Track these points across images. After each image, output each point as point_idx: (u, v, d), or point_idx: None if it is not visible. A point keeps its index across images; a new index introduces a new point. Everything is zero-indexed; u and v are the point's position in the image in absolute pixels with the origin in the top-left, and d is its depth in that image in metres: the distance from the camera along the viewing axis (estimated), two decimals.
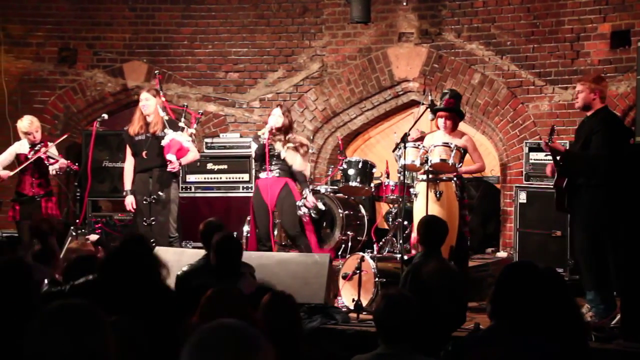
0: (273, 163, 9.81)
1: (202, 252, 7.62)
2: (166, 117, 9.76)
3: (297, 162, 9.75)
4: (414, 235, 7.13)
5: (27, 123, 10.18)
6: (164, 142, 9.62)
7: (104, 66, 12.76)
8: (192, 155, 9.95)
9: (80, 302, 2.95)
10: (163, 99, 10.08)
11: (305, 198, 9.82)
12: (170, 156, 9.59)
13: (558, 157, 8.21)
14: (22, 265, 4.53)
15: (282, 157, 9.75)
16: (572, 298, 4.70)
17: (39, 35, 12.76)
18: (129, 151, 9.90)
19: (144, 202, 9.65)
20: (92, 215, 11.61)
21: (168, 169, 9.66)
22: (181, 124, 9.77)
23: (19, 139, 10.44)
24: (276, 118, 9.82)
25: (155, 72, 10.96)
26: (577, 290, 9.21)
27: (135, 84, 12.76)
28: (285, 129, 9.85)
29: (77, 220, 10.76)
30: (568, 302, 4.61)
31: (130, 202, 9.74)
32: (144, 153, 9.74)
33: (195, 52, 12.82)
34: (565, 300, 4.58)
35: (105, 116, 10.55)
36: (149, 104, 9.72)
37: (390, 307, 4.47)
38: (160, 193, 9.65)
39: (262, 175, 9.88)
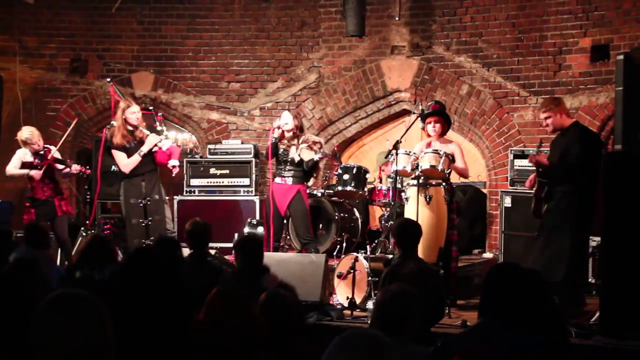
0: (287, 169, 9.86)
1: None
2: (144, 123, 9.70)
3: (314, 158, 9.86)
4: (392, 238, 7.13)
5: (27, 133, 10.09)
6: (160, 146, 9.56)
7: (113, 76, 12.69)
8: (178, 151, 9.94)
9: (80, 292, 2.96)
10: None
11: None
12: (174, 162, 9.59)
13: (541, 169, 8.37)
14: (33, 264, 4.56)
15: (296, 162, 9.75)
16: (552, 297, 4.72)
17: (52, 47, 12.78)
18: (121, 154, 9.71)
19: (139, 204, 9.58)
20: (101, 217, 11.59)
21: (174, 174, 9.69)
22: (159, 128, 9.70)
23: None
24: (285, 119, 9.82)
25: (108, 80, 10.86)
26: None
27: (143, 93, 12.78)
28: (297, 132, 9.85)
29: (87, 222, 10.77)
30: (549, 301, 4.64)
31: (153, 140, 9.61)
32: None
33: (199, 63, 12.83)
34: (546, 299, 4.61)
35: (114, 123, 10.52)
36: (140, 116, 9.65)
37: (391, 298, 4.47)
38: (154, 194, 9.63)
39: (278, 180, 9.92)
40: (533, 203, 8.46)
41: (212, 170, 11.87)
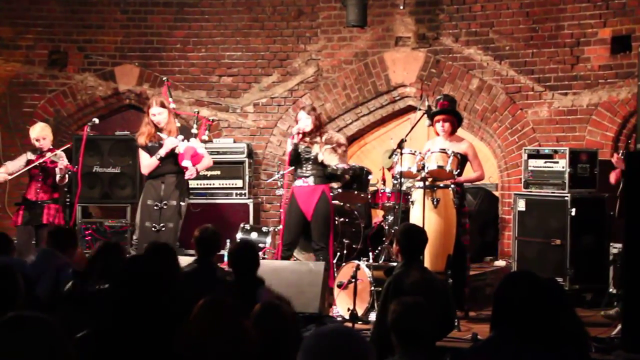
0: (309, 168, 9.70)
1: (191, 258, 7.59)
2: (178, 124, 9.83)
3: (333, 163, 9.66)
4: (394, 245, 7.08)
5: (38, 129, 10.22)
6: (178, 150, 9.63)
7: (95, 70, 12.73)
8: (207, 161, 9.99)
9: (33, 314, 2.94)
10: (173, 105, 10.11)
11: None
12: (186, 162, 9.60)
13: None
14: (8, 270, 4.55)
15: (319, 160, 9.64)
16: (572, 308, 4.68)
17: (28, 38, 12.73)
18: (145, 154, 9.83)
19: (155, 207, 9.64)
20: (82, 222, 11.57)
21: (186, 177, 9.70)
22: (193, 131, 9.79)
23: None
24: (304, 121, 9.67)
25: (164, 78, 10.89)
26: (578, 300, 9.26)
27: (127, 87, 12.74)
28: (317, 129, 9.73)
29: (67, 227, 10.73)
30: (568, 313, 4.60)
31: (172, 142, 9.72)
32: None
33: (188, 56, 12.80)
34: (565, 310, 4.57)
35: (96, 120, 10.52)
36: (162, 118, 9.73)
37: (406, 312, 4.44)
38: (171, 200, 9.65)
39: (298, 182, 9.73)
40: (618, 204, 8.43)
41: (203, 172, 11.82)
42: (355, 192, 10.29)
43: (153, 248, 6.70)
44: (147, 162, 9.78)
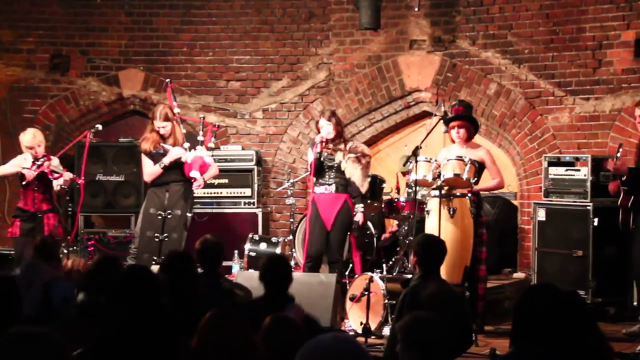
0: (332, 175, 9.69)
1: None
2: (184, 131, 9.86)
3: (356, 174, 9.63)
4: (411, 256, 7.07)
5: (29, 137, 10.13)
6: (185, 159, 9.65)
7: (99, 74, 12.75)
8: (214, 170, 10.05)
9: (40, 330, 2.96)
10: (177, 110, 10.14)
11: (356, 213, 9.68)
12: (194, 173, 9.63)
13: (624, 177, 8.33)
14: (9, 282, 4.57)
15: (342, 169, 9.64)
16: (595, 323, 4.66)
17: (29, 41, 12.77)
18: (148, 161, 9.86)
19: (159, 217, 9.65)
20: (84, 232, 11.58)
21: (193, 188, 9.73)
22: (200, 138, 9.82)
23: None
24: (326, 128, 9.67)
25: (167, 80, 10.89)
26: (600, 314, 9.23)
27: (132, 92, 12.77)
28: (339, 134, 9.73)
29: (69, 237, 10.75)
30: (591, 327, 4.58)
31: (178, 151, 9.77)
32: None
33: (194, 60, 12.81)
34: (588, 325, 4.55)
35: (99, 127, 10.52)
36: (166, 131, 9.80)
37: (414, 325, 4.43)
38: (176, 209, 9.66)
39: (319, 190, 9.72)
40: (620, 215, 8.47)
41: (209, 180, 11.83)
42: (369, 201, 10.28)
43: (171, 257, 6.72)
44: (150, 170, 9.81)
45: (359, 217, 9.66)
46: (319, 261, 9.73)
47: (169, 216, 9.66)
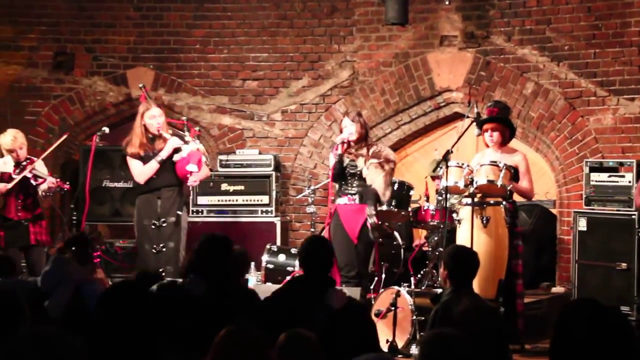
0: (355, 184, 9.63)
1: None
2: (170, 131, 9.83)
3: (378, 181, 9.55)
4: (442, 269, 7.03)
5: (9, 139, 10.10)
6: (178, 156, 9.61)
7: (105, 73, 12.78)
8: (205, 171, 9.98)
9: (55, 330, 2.99)
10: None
11: (369, 216, 9.59)
12: (191, 166, 9.57)
13: None
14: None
15: (363, 176, 9.58)
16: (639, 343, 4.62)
17: (31, 38, 12.80)
18: (137, 162, 9.79)
19: (152, 226, 9.61)
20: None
21: (189, 183, 9.69)
22: (187, 138, 9.77)
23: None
24: (349, 129, 9.61)
25: (140, 86, 10.81)
26: None
27: (140, 93, 12.77)
28: (363, 138, 9.66)
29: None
30: (635, 347, 4.54)
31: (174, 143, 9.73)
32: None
33: (208, 58, 12.82)
34: (632, 345, 4.51)
35: (106, 129, 10.54)
36: (162, 121, 9.74)
37: (434, 343, 4.40)
38: (170, 216, 9.62)
39: (342, 200, 9.66)
40: None
41: (224, 187, 11.85)
42: (395, 209, 10.22)
43: (208, 239, 6.68)
44: (142, 169, 9.65)
45: (372, 220, 9.55)
46: (353, 270, 9.47)
47: (163, 225, 9.59)
